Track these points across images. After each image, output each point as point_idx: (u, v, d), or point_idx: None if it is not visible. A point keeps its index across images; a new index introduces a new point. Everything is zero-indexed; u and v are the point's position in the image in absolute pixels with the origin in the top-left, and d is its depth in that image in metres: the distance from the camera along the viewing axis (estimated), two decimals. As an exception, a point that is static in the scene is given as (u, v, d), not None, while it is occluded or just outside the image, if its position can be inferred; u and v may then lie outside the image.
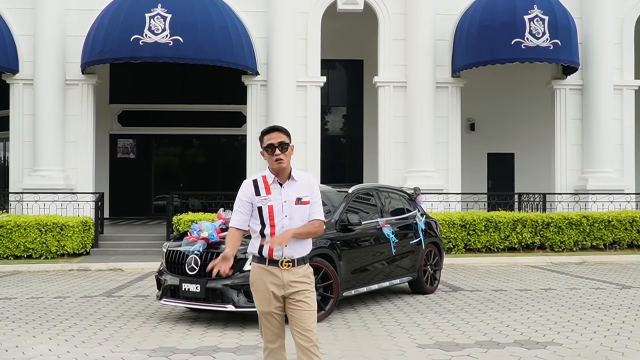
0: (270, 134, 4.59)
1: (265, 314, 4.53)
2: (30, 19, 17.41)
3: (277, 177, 4.59)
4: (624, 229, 15.70)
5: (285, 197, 4.54)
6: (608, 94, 18.38)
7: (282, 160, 4.53)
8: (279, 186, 4.58)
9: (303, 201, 4.56)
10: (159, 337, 7.34)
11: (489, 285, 11.24)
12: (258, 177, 4.65)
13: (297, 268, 4.52)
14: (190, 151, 23.48)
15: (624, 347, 6.71)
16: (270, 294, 4.49)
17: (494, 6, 17.24)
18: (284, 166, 4.55)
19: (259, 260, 4.55)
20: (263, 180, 4.61)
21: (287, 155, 4.56)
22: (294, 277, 4.49)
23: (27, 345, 6.96)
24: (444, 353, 6.53)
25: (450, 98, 18.27)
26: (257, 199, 4.56)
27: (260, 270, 4.54)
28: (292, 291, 4.48)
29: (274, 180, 4.59)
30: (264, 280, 4.51)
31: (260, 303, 4.54)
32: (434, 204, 16.69)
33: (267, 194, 4.54)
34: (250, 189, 4.61)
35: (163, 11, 15.96)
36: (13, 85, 17.62)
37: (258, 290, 4.55)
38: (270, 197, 4.54)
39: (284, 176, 4.59)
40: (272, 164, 4.56)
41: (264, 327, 4.57)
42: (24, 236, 14.52)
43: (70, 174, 17.41)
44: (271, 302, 4.50)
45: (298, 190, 4.59)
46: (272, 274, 4.49)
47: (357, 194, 9.74)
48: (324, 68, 19.13)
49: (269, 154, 4.55)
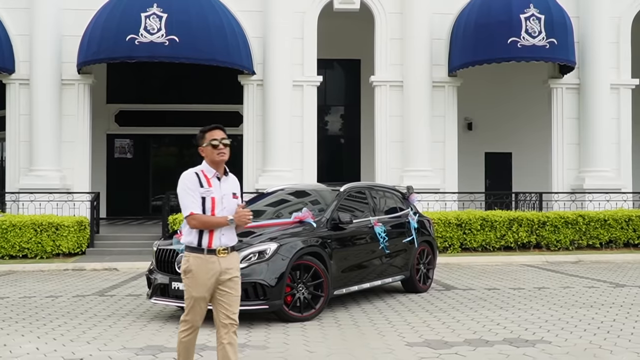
0: (213, 132, 4.99)
1: (200, 298, 4.90)
2: (27, 19, 17.40)
3: (217, 171, 4.99)
4: (620, 228, 15.66)
5: (224, 191, 5.00)
6: (605, 93, 18.34)
7: (224, 154, 4.95)
8: (217, 180, 5.00)
9: (235, 195, 5.06)
10: (148, 335, 7.33)
11: (482, 284, 11.22)
12: (198, 171, 5.00)
13: (231, 256, 5.00)
14: (188, 151, 23.42)
15: (612, 345, 6.69)
16: (208, 280, 4.88)
17: (490, 5, 17.20)
18: (225, 159, 4.99)
19: (196, 250, 4.91)
20: (203, 174, 4.98)
21: (228, 151, 5.00)
22: (228, 265, 4.94)
23: (15, 343, 6.95)
24: (432, 351, 6.51)
25: (447, 97, 18.24)
26: (201, 190, 4.93)
27: (198, 260, 4.89)
28: (226, 278, 4.91)
29: (213, 175, 4.99)
30: (203, 269, 4.87)
31: (198, 290, 4.88)
32: (430, 203, 16.66)
33: (208, 186, 4.95)
34: (196, 180, 4.95)
35: (159, 11, 15.94)
36: (9, 85, 17.61)
37: (198, 278, 4.88)
38: (212, 189, 4.96)
39: (222, 171, 5.02)
40: (215, 157, 4.94)
41: (195, 310, 4.93)
42: (19, 236, 14.50)
43: (66, 174, 17.39)
44: (207, 288, 4.89)
45: (231, 185, 5.08)
46: (211, 262, 4.89)
47: (349, 193, 9.73)
48: (322, 67, 19.11)
49: (213, 148, 4.93)
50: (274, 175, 16.99)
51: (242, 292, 7.62)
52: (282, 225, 8.54)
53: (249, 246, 7.93)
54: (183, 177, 4.97)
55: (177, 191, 5.00)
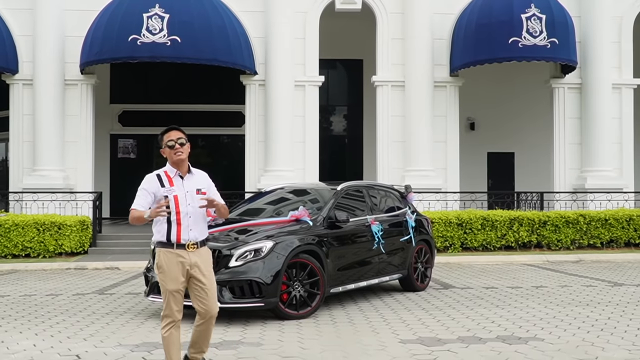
0: (170, 133, 5.28)
1: (174, 291, 5.15)
2: (30, 20, 17.52)
3: (178, 170, 5.28)
4: (620, 228, 15.65)
5: (187, 188, 5.27)
6: (606, 92, 18.35)
7: (181, 153, 5.22)
8: (180, 179, 5.28)
9: (202, 191, 5.30)
10: (145, 332, 7.40)
11: (481, 282, 11.25)
12: (160, 172, 5.32)
13: (201, 249, 5.26)
14: (191, 151, 23.48)
15: (605, 343, 6.72)
16: (179, 274, 5.15)
17: (492, 5, 17.23)
18: (183, 157, 5.24)
19: (166, 245, 5.18)
20: (165, 175, 5.29)
21: (185, 150, 5.25)
22: (198, 258, 5.22)
23: (12, 340, 7.03)
24: (424, 348, 6.56)
25: (449, 97, 18.28)
26: (162, 190, 5.21)
27: (168, 255, 5.18)
28: (197, 271, 5.20)
29: (175, 174, 5.28)
30: (173, 262, 5.15)
31: (171, 283, 5.15)
32: (431, 202, 16.70)
33: (170, 185, 5.23)
34: (155, 181, 5.26)
35: (161, 11, 16.04)
36: (13, 85, 17.73)
37: (169, 272, 5.16)
38: (174, 188, 5.23)
39: (184, 170, 5.30)
40: (173, 158, 5.24)
41: (172, 303, 5.15)
42: (22, 235, 14.60)
43: (69, 174, 17.50)
44: (180, 281, 5.16)
45: (196, 182, 5.34)
46: (181, 256, 5.17)
47: (347, 191, 9.78)
48: (324, 67, 19.16)
49: (170, 149, 5.23)
50: (276, 175, 17.04)
51: (237, 290, 7.79)
52: (279, 224, 8.60)
53: (245, 244, 7.99)
54: (145, 179, 5.30)
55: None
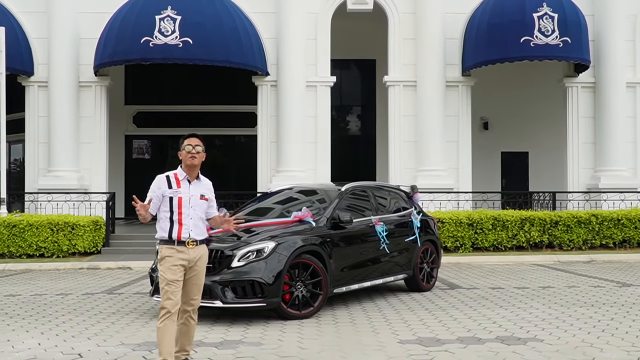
0: (190, 139, 5.72)
1: (174, 281, 5.51)
2: (45, 22, 17.76)
3: (188, 175, 5.69)
4: (633, 228, 15.52)
5: (193, 192, 5.70)
6: (620, 91, 18.20)
7: (195, 157, 5.65)
8: (187, 183, 5.70)
9: (205, 198, 5.76)
10: (148, 332, 7.49)
11: (488, 283, 11.24)
12: (170, 174, 5.72)
13: (199, 247, 5.69)
14: (205, 153, 23.61)
15: (605, 344, 6.70)
16: (179, 266, 5.55)
17: (504, 4, 17.18)
18: (196, 163, 5.67)
19: (168, 242, 5.60)
20: (175, 177, 5.70)
21: (199, 157, 5.68)
22: (197, 255, 5.65)
23: (18, 339, 7.16)
24: (422, 348, 6.59)
25: (461, 97, 18.24)
26: (169, 191, 5.65)
27: (170, 250, 5.59)
28: (194, 267, 5.64)
29: (184, 178, 5.70)
30: (175, 256, 5.55)
31: (171, 273, 5.51)
32: (443, 202, 16.70)
33: (178, 187, 5.65)
34: (164, 182, 5.70)
35: (173, 13, 16.17)
36: (28, 87, 17.97)
37: (170, 263, 5.54)
38: (181, 190, 5.67)
39: (193, 175, 5.72)
40: (187, 161, 5.66)
41: (171, 293, 5.47)
42: (36, 235, 14.81)
43: (84, 175, 17.71)
44: (180, 272, 5.55)
45: (202, 189, 5.77)
46: (181, 252, 5.59)
47: (352, 192, 9.82)
48: (337, 68, 19.18)
49: (187, 153, 5.64)
50: (288, 175, 17.10)
51: (240, 290, 7.87)
52: (282, 224, 8.66)
53: (247, 244, 8.06)
54: (155, 180, 5.72)
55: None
